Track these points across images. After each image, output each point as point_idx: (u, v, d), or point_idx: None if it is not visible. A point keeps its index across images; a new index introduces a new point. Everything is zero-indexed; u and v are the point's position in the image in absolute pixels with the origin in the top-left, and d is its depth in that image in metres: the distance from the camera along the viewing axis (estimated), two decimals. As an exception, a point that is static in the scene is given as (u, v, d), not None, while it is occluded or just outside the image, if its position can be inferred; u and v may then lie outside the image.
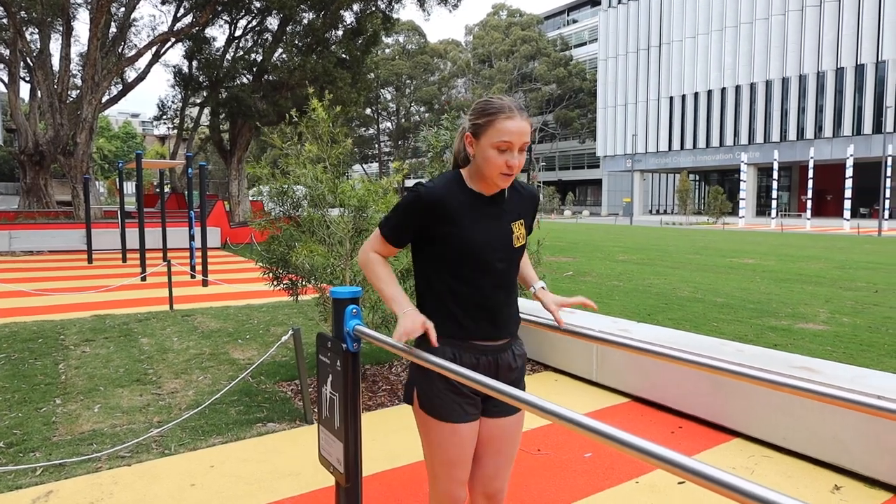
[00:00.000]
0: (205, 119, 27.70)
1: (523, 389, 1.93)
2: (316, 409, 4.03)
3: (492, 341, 1.84)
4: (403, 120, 64.36)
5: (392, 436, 3.68)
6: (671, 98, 48.49)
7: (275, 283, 4.78)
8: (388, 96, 63.78)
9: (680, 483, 3.04)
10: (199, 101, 26.90)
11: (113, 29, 22.62)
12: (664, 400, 4.12)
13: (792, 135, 40.64)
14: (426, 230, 1.80)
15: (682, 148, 48.08)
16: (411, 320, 1.72)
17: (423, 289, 1.89)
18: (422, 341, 1.81)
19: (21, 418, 3.94)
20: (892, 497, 2.89)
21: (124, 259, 14.29)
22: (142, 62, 36.84)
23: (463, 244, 1.78)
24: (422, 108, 63.71)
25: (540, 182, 63.51)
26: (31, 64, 21.54)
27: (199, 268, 10.77)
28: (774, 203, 37.10)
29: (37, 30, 21.76)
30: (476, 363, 1.82)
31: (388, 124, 66.23)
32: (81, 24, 41.49)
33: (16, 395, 4.39)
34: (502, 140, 1.72)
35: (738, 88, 43.62)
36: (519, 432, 1.97)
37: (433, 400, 1.81)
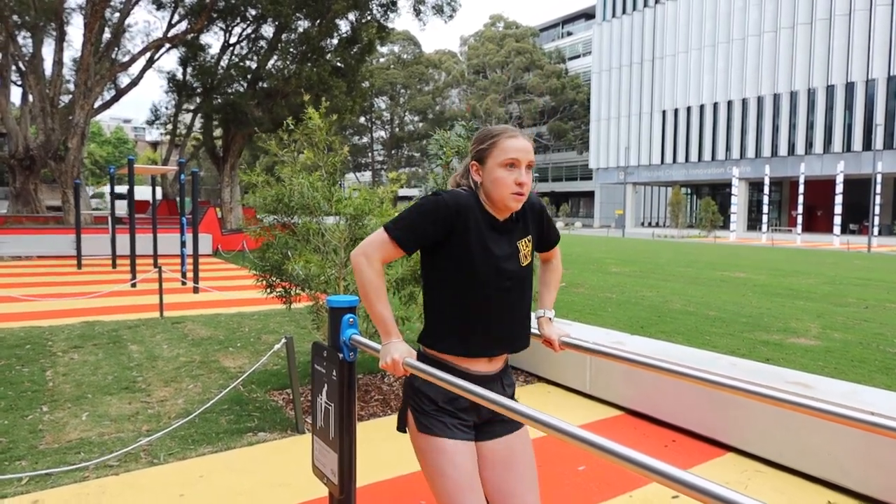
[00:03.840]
0: (198, 125, 27.64)
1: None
2: (308, 419, 4.00)
3: (490, 364, 1.83)
4: (397, 129, 64.51)
5: (384, 446, 3.65)
6: (664, 112, 48.86)
7: (268, 290, 4.75)
8: (383, 105, 63.92)
9: (674, 497, 3.02)
10: (192, 107, 26.85)
11: (107, 34, 22.55)
12: (658, 413, 4.10)
13: (783, 150, 41.02)
14: (441, 240, 1.76)
15: (674, 161, 48.40)
16: (399, 353, 1.71)
17: (428, 301, 1.86)
18: (420, 357, 1.81)
19: (7, 426, 3.88)
20: (885, 513, 2.90)
21: (114, 265, 14.19)
22: (135, 68, 36.70)
23: (472, 262, 1.75)
24: (416, 118, 63.91)
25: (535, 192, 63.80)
26: (23, 68, 21.42)
27: (189, 274, 10.70)
28: (765, 217, 37.36)
29: (29, 34, 21.66)
30: None
31: (382, 133, 66.36)
32: (75, 29, 41.39)
33: (1, 403, 4.32)
34: (508, 157, 1.73)
35: (730, 104, 44.02)
36: (528, 448, 1.90)
37: (425, 419, 1.78)
